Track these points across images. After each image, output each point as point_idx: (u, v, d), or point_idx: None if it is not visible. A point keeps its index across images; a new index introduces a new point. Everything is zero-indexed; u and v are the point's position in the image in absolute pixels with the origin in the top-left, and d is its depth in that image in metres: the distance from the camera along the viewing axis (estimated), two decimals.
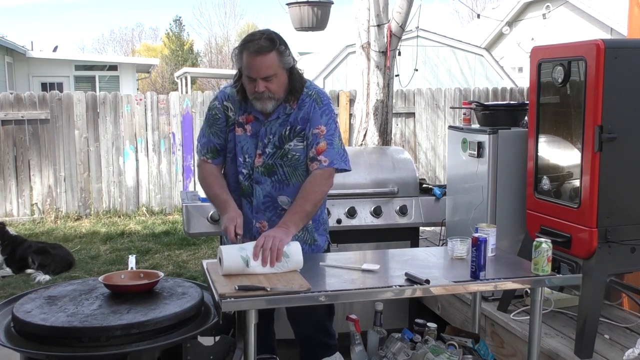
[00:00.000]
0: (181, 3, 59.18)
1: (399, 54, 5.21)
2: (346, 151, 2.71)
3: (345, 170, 2.71)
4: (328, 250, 2.89)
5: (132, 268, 2.71)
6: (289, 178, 2.66)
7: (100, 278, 2.53)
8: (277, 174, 2.65)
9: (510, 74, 14.46)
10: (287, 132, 2.64)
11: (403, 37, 5.23)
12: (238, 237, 2.48)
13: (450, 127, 3.80)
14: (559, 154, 3.02)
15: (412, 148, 9.38)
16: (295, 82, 2.61)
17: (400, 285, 2.30)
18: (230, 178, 2.76)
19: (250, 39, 2.53)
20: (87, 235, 7.24)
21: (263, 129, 2.65)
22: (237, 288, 2.15)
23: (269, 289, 2.17)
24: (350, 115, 8.67)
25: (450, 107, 9.40)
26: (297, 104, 2.64)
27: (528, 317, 2.65)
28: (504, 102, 8.33)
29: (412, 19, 5.29)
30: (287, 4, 5.75)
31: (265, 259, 2.33)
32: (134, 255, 2.86)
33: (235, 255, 2.34)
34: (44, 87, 16.37)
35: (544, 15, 15.92)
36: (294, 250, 2.40)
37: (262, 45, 2.48)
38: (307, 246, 2.77)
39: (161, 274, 2.58)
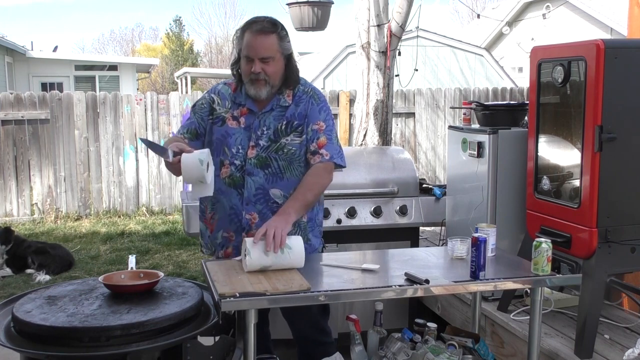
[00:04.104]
0: (181, 3, 59.23)
1: (399, 54, 5.21)
2: (342, 148, 2.75)
3: (341, 167, 2.73)
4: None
5: (132, 268, 2.71)
6: (284, 172, 2.66)
7: (100, 278, 2.53)
8: (271, 167, 2.65)
9: (510, 74, 14.46)
10: (283, 127, 2.65)
11: (403, 37, 5.23)
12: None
13: (450, 127, 3.80)
14: (559, 154, 3.02)
15: (412, 148, 9.38)
16: (292, 72, 2.66)
17: (400, 285, 2.30)
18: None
19: (254, 20, 2.61)
20: (87, 235, 7.24)
21: (257, 121, 2.67)
22: (238, 295, 2.15)
23: (268, 294, 2.17)
24: (350, 115, 8.67)
25: (450, 107, 9.40)
26: (294, 100, 2.68)
27: (528, 317, 2.65)
28: (504, 102, 8.33)
29: (412, 19, 5.29)
30: (287, 4, 5.74)
31: (269, 245, 2.34)
32: (134, 255, 2.86)
33: (192, 158, 2.38)
34: (44, 87, 16.36)
35: (544, 15, 15.92)
36: (296, 242, 2.41)
37: (265, 26, 2.57)
38: None
39: (161, 274, 2.58)
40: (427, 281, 2.29)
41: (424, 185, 4.10)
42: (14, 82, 16.26)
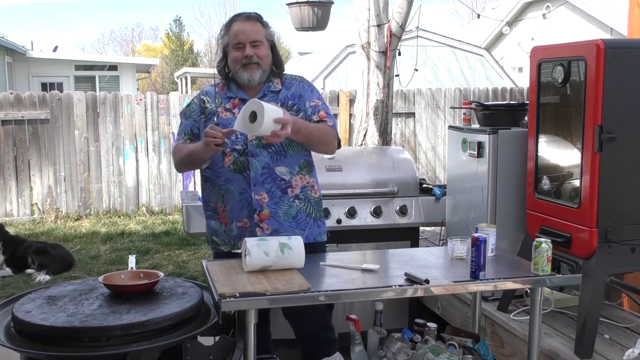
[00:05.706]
0: (181, 3, 59.17)
1: (399, 54, 5.21)
2: None
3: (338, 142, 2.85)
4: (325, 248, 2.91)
5: (132, 268, 2.72)
6: (286, 149, 2.73)
7: (100, 278, 2.53)
8: (273, 145, 2.71)
9: (510, 74, 14.46)
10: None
11: (403, 37, 5.22)
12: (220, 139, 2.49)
13: (450, 127, 3.80)
14: (559, 154, 3.02)
15: (412, 148, 9.37)
16: (278, 59, 2.81)
17: (400, 285, 2.30)
18: (215, 164, 2.77)
19: (238, 14, 2.79)
20: (87, 235, 7.24)
21: None
22: (238, 295, 2.15)
23: (268, 294, 2.17)
24: (350, 115, 8.67)
25: (450, 107, 9.40)
26: (284, 84, 2.82)
27: (528, 317, 2.65)
28: (504, 102, 8.33)
29: (412, 19, 5.29)
30: (287, 4, 5.73)
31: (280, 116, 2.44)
32: (134, 255, 2.87)
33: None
34: (44, 87, 16.35)
35: (544, 15, 15.92)
36: (296, 242, 2.41)
37: (250, 15, 2.78)
38: (312, 220, 2.80)
39: (161, 274, 2.58)
40: (427, 281, 2.29)
41: (424, 185, 4.10)
42: (14, 82, 16.25)
